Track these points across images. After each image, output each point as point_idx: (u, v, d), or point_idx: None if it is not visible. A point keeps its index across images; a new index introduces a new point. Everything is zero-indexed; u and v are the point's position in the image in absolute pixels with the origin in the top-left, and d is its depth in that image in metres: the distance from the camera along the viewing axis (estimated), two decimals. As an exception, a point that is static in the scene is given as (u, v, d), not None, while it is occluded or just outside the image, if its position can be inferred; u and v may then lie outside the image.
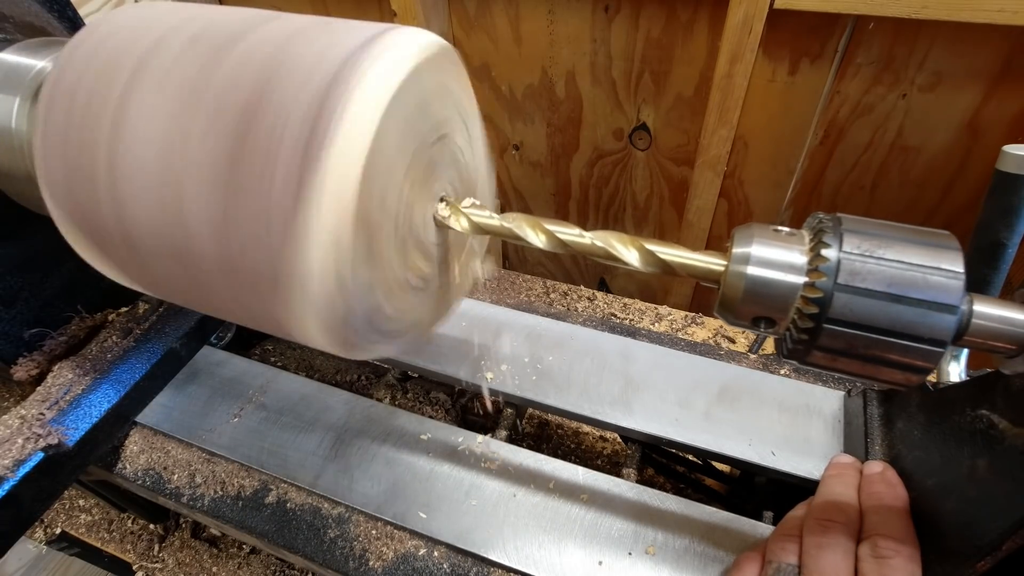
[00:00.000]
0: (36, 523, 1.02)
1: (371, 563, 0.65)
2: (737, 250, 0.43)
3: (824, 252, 0.40)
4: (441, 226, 0.52)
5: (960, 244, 0.40)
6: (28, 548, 1.38)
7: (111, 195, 0.46)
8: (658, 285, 1.76)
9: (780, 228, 0.44)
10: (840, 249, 0.40)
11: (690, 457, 0.90)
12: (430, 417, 0.83)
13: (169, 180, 0.43)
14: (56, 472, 0.67)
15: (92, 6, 1.31)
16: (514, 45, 1.40)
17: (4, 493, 0.61)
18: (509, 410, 0.81)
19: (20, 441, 0.64)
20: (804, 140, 1.27)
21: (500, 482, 0.70)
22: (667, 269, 0.46)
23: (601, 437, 1.02)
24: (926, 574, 0.52)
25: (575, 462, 0.72)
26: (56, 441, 0.66)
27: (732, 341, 1.10)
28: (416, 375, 0.96)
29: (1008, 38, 1.00)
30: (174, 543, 1.06)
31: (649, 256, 0.46)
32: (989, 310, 0.40)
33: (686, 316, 1.16)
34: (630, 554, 0.63)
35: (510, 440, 0.78)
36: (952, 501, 0.53)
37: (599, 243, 0.47)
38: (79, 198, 0.48)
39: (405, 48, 0.43)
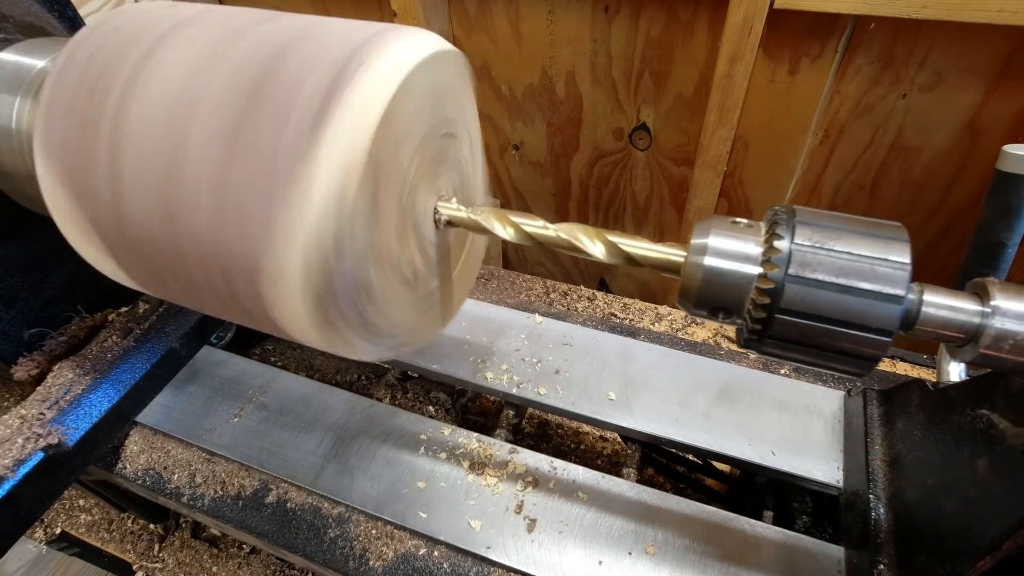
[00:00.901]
0: (36, 523, 1.01)
1: (371, 563, 0.65)
2: (695, 241, 0.44)
3: (776, 244, 0.41)
4: (438, 223, 0.52)
5: (909, 236, 0.41)
6: (28, 548, 1.38)
7: (110, 187, 0.46)
8: (658, 285, 1.76)
9: (738, 220, 0.44)
10: (792, 241, 0.41)
11: (690, 457, 0.90)
12: (430, 417, 0.83)
13: (175, 133, 0.43)
14: (56, 472, 0.67)
15: (92, 6, 1.31)
16: (514, 45, 1.40)
17: (4, 493, 0.61)
18: (509, 410, 0.81)
19: (20, 441, 0.64)
20: (804, 140, 1.27)
21: (500, 482, 0.70)
22: (630, 260, 0.47)
23: (601, 437, 1.02)
24: (926, 574, 0.52)
25: (575, 462, 0.72)
26: (56, 441, 0.66)
27: (732, 341, 1.10)
28: (416, 375, 0.95)
29: (1008, 38, 1.00)
30: (174, 543, 1.06)
31: (612, 248, 0.47)
32: (938, 299, 0.41)
33: (686, 316, 1.16)
34: (630, 554, 0.63)
35: (510, 440, 0.78)
36: (952, 501, 0.53)
37: (563, 235, 0.48)
38: (78, 198, 0.48)
39: (429, 38, 0.45)
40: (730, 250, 0.43)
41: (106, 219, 0.47)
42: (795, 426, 0.73)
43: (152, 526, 1.08)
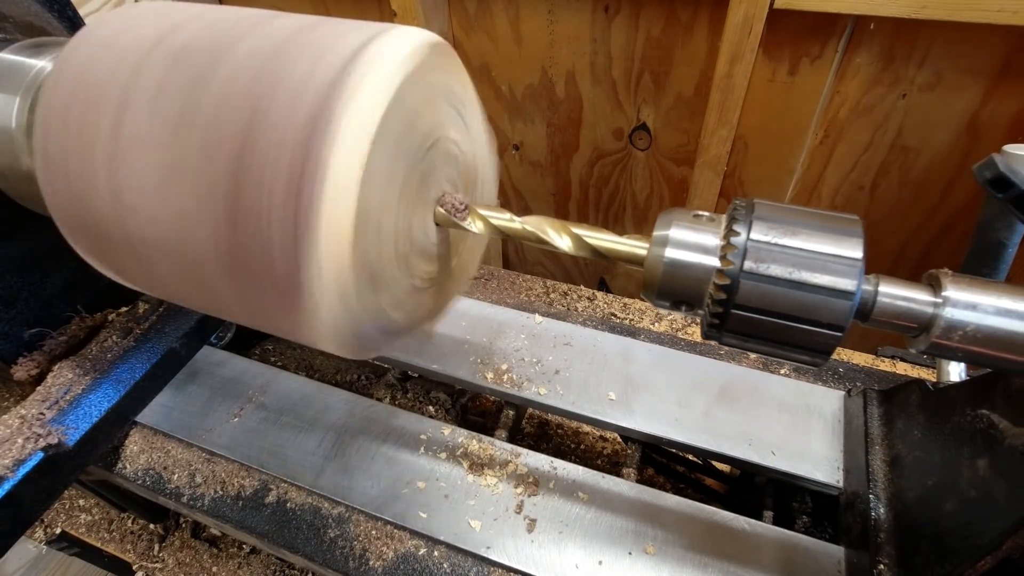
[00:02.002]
0: (36, 523, 1.01)
1: (371, 563, 0.65)
2: (657, 233, 0.45)
3: (733, 240, 0.41)
4: (442, 224, 0.53)
5: (862, 229, 0.42)
6: (28, 548, 1.38)
7: (109, 187, 0.46)
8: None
9: (700, 213, 0.45)
10: (748, 237, 0.41)
11: (690, 457, 0.90)
12: (430, 417, 0.83)
13: (171, 208, 0.44)
14: (56, 472, 0.67)
15: (92, 6, 1.31)
16: (514, 45, 1.40)
17: (4, 493, 0.61)
18: (509, 410, 0.81)
19: (20, 441, 0.64)
20: (804, 140, 1.27)
21: (500, 482, 0.70)
22: (595, 252, 0.48)
23: (601, 437, 1.02)
24: (926, 574, 0.52)
25: (575, 462, 0.72)
26: (56, 441, 0.66)
27: (732, 341, 1.10)
28: (416, 375, 0.95)
29: (1008, 38, 1.00)
30: (174, 543, 1.06)
31: (578, 240, 0.48)
32: (894, 290, 0.42)
33: (686, 316, 1.16)
34: (630, 554, 0.63)
35: (510, 440, 0.78)
36: (952, 501, 0.53)
37: (529, 228, 0.49)
38: (79, 200, 0.48)
39: (385, 72, 0.43)
40: (690, 243, 0.43)
41: (105, 219, 0.47)
42: (795, 426, 0.73)
43: (152, 526, 1.08)
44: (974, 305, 0.39)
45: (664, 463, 0.91)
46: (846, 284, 0.40)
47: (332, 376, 1.08)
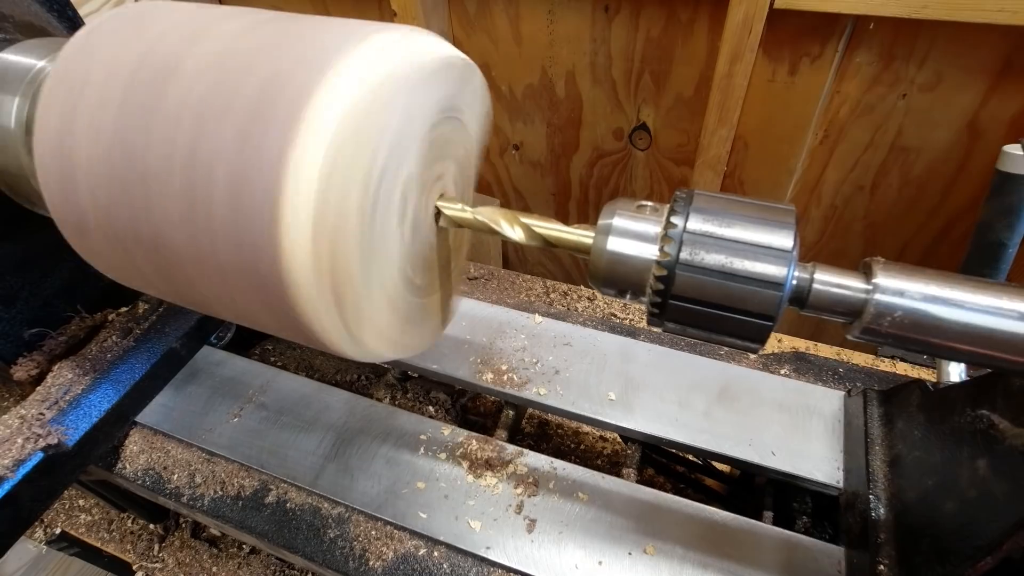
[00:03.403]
0: (36, 523, 1.01)
1: (371, 563, 0.65)
2: (601, 222, 0.45)
3: (670, 232, 0.42)
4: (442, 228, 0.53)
5: (795, 219, 0.42)
6: (28, 548, 1.37)
7: (108, 204, 0.46)
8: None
9: (645, 203, 0.46)
10: (684, 228, 0.42)
11: (690, 457, 0.90)
12: (430, 417, 0.83)
13: (154, 209, 0.44)
14: (56, 472, 0.67)
15: (92, 6, 1.31)
16: (514, 45, 1.40)
17: (4, 493, 0.61)
18: (509, 411, 0.81)
19: (20, 441, 0.64)
20: (804, 140, 1.27)
21: (500, 482, 0.70)
22: (546, 242, 0.49)
23: (601, 437, 1.02)
24: (926, 574, 0.52)
25: (575, 462, 0.72)
26: (56, 441, 0.66)
27: (732, 341, 1.10)
28: (416, 375, 0.95)
29: (1008, 38, 1.00)
30: (174, 543, 1.06)
31: (529, 231, 0.49)
32: (828, 278, 0.42)
33: (686, 316, 1.16)
34: (630, 554, 0.63)
35: (510, 440, 0.78)
36: (952, 501, 0.53)
37: (482, 218, 0.50)
38: (79, 200, 0.48)
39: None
40: (632, 233, 0.44)
41: (105, 219, 0.47)
42: (795, 426, 0.73)
43: (152, 526, 1.08)
44: (902, 292, 0.40)
45: (664, 463, 0.91)
46: (775, 274, 0.40)
47: (332, 376, 1.08)
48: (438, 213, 0.52)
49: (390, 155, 0.43)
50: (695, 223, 0.42)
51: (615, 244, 0.44)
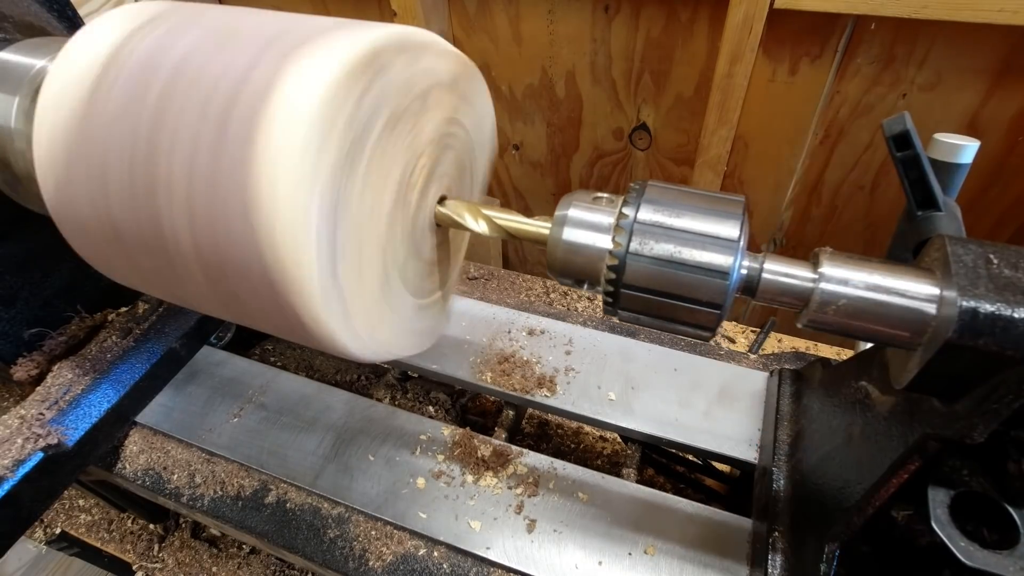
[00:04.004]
0: (36, 523, 1.01)
1: (371, 563, 0.65)
2: (557, 213, 0.47)
3: (622, 223, 0.44)
4: (442, 223, 0.53)
5: (744, 210, 0.43)
6: (28, 548, 1.38)
7: (107, 205, 0.46)
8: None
9: (601, 195, 0.47)
10: (635, 218, 0.43)
11: (690, 457, 0.90)
12: (430, 417, 0.83)
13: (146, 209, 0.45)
14: (56, 472, 0.67)
15: (92, 6, 1.31)
16: (514, 45, 1.40)
17: (4, 493, 0.61)
18: (509, 411, 0.81)
19: (20, 441, 0.64)
20: (804, 140, 1.27)
21: (500, 482, 0.70)
22: (507, 233, 0.50)
23: (601, 437, 1.02)
24: (810, 535, 0.54)
25: (575, 462, 0.72)
26: (56, 441, 0.66)
27: (732, 341, 1.10)
28: (416, 375, 0.95)
29: (1008, 38, 1.00)
30: (174, 543, 1.06)
31: (490, 222, 0.50)
32: (778, 267, 0.43)
33: (686, 316, 1.16)
34: (630, 554, 0.63)
35: (510, 440, 0.78)
36: (833, 467, 0.55)
37: (444, 211, 0.52)
38: (78, 200, 0.48)
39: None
40: (587, 223, 0.45)
41: (105, 218, 0.47)
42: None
43: (152, 526, 1.07)
44: (846, 280, 0.41)
45: (664, 463, 0.91)
46: (722, 263, 0.42)
47: (332, 376, 1.08)
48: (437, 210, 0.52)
49: (389, 144, 0.43)
50: (645, 213, 0.43)
51: (570, 234, 0.46)
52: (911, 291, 0.40)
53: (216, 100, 0.41)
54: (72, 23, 0.76)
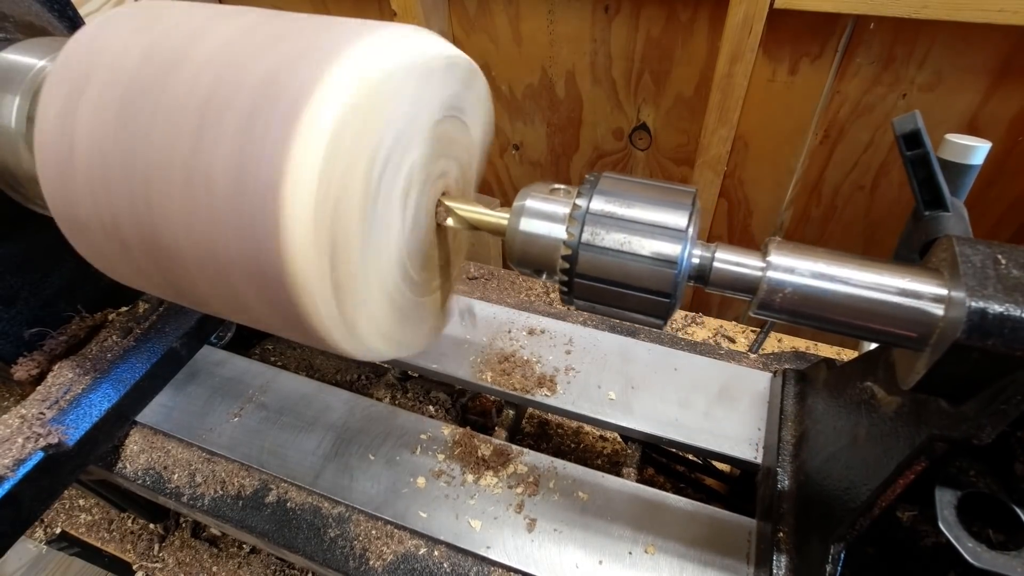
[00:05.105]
0: (36, 523, 1.01)
1: (371, 562, 0.65)
2: (515, 203, 0.48)
3: (575, 213, 0.44)
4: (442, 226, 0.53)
5: (694, 200, 0.44)
6: (28, 548, 1.38)
7: (109, 204, 0.46)
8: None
9: (558, 186, 0.48)
10: (588, 209, 0.44)
11: (690, 457, 0.90)
12: (430, 417, 0.83)
13: (154, 208, 0.45)
14: (56, 472, 0.67)
15: (92, 6, 1.31)
16: (514, 45, 1.40)
17: (4, 493, 0.61)
18: (509, 410, 0.81)
19: (20, 441, 0.64)
20: (804, 140, 1.27)
21: (500, 482, 0.70)
22: (468, 224, 0.51)
23: (601, 437, 1.02)
24: (814, 536, 0.54)
25: (575, 462, 0.72)
26: (56, 440, 0.66)
27: (732, 341, 1.10)
28: (416, 375, 0.95)
29: (1008, 38, 1.00)
30: (174, 543, 1.06)
31: (453, 214, 0.52)
32: (729, 257, 0.44)
33: (686, 316, 1.16)
34: (630, 554, 0.63)
35: (510, 440, 0.78)
36: (839, 468, 0.55)
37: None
38: (79, 199, 0.48)
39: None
40: (543, 214, 0.46)
41: (106, 217, 0.47)
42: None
43: (152, 526, 1.07)
44: (792, 269, 0.42)
45: (664, 463, 0.91)
46: (670, 252, 0.42)
47: (332, 376, 1.08)
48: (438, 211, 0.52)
49: (395, 144, 0.43)
50: (597, 204, 0.44)
51: (527, 225, 0.47)
52: (883, 284, 0.40)
53: (220, 102, 0.42)
54: (72, 23, 0.76)
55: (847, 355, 0.92)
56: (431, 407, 0.93)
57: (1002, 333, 0.35)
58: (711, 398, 0.77)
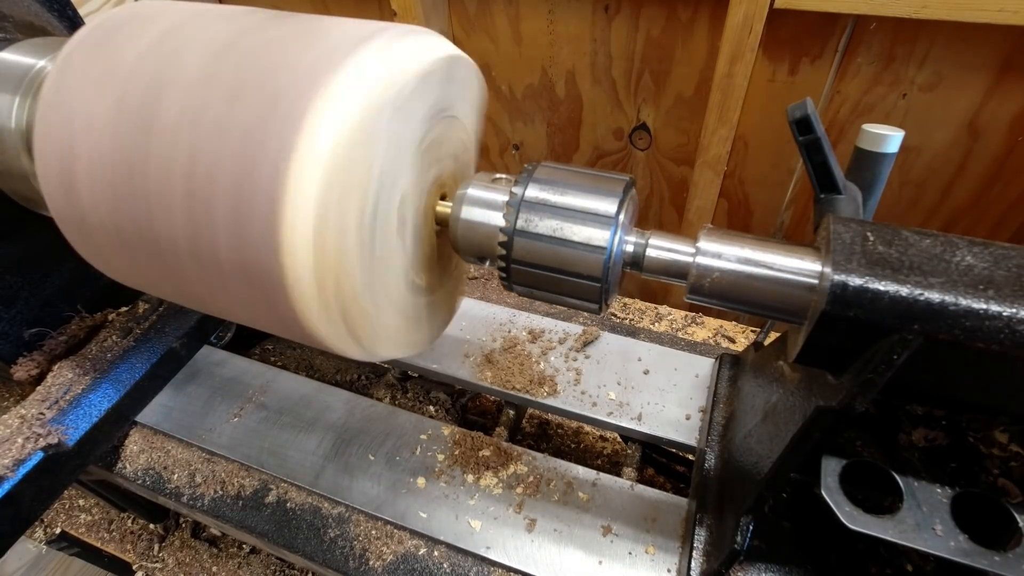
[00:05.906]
0: (36, 523, 1.01)
1: (371, 562, 0.65)
2: (457, 192, 0.49)
3: (511, 201, 0.46)
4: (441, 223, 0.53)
5: (626, 188, 0.44)
6: (28, 548, 1.38)
7: (110, 203, 0.46)
8: (658, 285, 1.76)
9: (500, 176, 0.49)
10: (523, 196, 0.45)
11: (690, 457, 0.90)
12: (430, 417, 0.83)
13: (154, 210, 0.45)
14: (56, 472, 0.67)
15: (92, 6, 1.31)
16: (514, 45, 1.40)
17: (4, 493, 0.61)
18: (509, 410, 0.81)
19: (20, 441, 0.64)
20: (804, 140, 1.26)
21: (500, 482, 0.70)
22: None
23: (601, 437, 1.02)
24: (729, 510, 0.56)
25: (575, 462, 0.72)
26: (56, 441, 0.66)
27: (732, 341, 1.10)
28: (416, 375, 0.95)
29: (1008, 38, 1.00)
30: (174, 543, 1.06)
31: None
32: (662, 243, 0.46)
33: (686, 316, 1.16)
34: (630, 553, 0.63)
35: (510, 440, 0.78)
36: (752, 443, 0.57)
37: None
38: (79, 200, 0.48)
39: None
40: (483, 202, 0.48)
41: (106, 218, 0.47)
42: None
43: (152, 526, 1.07)
44: (719, 254, 0.43)
45: (664, 463, 0.91)
46: (599, 238, 0.43)
47: (332, 376, 1.08)
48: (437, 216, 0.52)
49: (382, 181, 0.43)
50: (532, 191, 0.45)
51: (468, 213, 0.48)
52: (781, 264, 0.42)
53: (218, 102, 0.42)
54: (72, 23, 0.76)
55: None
56: (431, 407, 0.93)
57: (862, 303, 0.37)
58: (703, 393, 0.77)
